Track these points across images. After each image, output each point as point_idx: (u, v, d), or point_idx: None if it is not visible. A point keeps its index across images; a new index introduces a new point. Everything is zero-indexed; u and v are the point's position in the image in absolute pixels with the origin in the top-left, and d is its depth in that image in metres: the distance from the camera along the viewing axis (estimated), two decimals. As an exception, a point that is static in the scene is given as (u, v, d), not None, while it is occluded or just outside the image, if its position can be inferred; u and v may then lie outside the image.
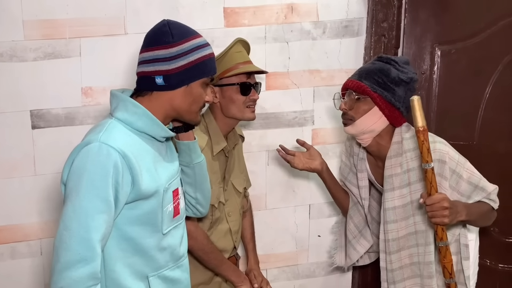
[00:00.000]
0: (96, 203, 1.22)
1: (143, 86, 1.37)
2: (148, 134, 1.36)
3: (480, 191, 1.74)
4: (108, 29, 1.95)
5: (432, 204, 1.59)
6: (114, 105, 1.36)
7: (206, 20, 2.06)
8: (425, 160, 1.60)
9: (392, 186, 1.80)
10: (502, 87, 2.32)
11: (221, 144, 1.81)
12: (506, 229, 2.40)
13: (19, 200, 1.98)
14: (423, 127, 1.57)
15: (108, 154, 1.24)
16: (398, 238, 1.81)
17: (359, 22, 2.26)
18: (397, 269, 1.83)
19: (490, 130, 2.35)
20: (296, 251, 2.39)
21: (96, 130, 1.30)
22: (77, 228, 1.20)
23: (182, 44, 1.34)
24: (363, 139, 1.83)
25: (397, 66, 1.75)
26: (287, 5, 2.15)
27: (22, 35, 1.87)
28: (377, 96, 1.74)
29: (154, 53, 1.34)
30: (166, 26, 1.36)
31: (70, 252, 1.20)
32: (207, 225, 1.82)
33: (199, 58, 1.37)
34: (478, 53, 2.30)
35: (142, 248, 1.35)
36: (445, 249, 1.66)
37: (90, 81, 1.98)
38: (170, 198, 1.41)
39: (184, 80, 1.36)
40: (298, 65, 2.22)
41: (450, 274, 1.69)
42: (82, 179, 1.22)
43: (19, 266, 2.02)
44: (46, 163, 1.98)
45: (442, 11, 2.29)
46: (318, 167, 1.97)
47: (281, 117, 2.24)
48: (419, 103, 1.56)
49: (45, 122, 1.96)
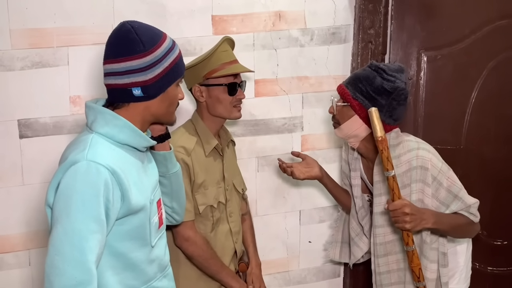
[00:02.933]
0: (89, 224, 1.18)
1: (119, 98, 1.32)
2: (130, 145, 1.33)
3: (459, 201, 1.76)
4: (96, 37, 1.94)
5: (394, 210, 1.65)
6: (91, 118, 1.31)
7: (194, 28, 2.06)
8: (385, 168, 1.66)
9: (379, 192, 1.83)
10: (488, 91, 2.35)
11: (211, 143, 1.80)
12: (494, 232, 2.43)
13: (7, 210, 1.95)
14: (381, 137, 1.64)
15: (97, 172, 1.20)
16: (385, 243, 1.84)
17: (346, 29, 2.28)
18: (385, 273, 1.86)
19: (476, 134, 2.38)
20: (287, 257, 2.39)
21: (79, 148, 1.25)
22: (70, 251, 1.16)
23: (155, 51, 1.29)
24: (351, 142, 1.88)
25: (384, 75, 1.75)
26: (274, 13, 2.17)
27: (9, 44, 1.86)
28: (356, 104, 1.77)
29: (127, 64, 1.28)
30: (132, 33, 1.29)
31: (65, 277, 1.15)
32: (209, 227, 1.81)
33: (172, 62, 1.33)
34: (464, 59, 2.33)
35: (132, 263, 1.33)
36: (411, 253, 1.71)
37: (78, 90, 1.97)
38: (155, 209, 1.40)
39: (162, 88, 1.33)
40: (286, 72, 2.23)
41: (418, 277, 1.73)
42: (72, 200, 1.18)
43: (7, 277, 1.99)
44: (34, 172, 1.96)
45: (428, 17, 2.32)
46: (318, 174, 2.00)
47: (271, 123, 2.25)
48: (376, 114, 1.64)
49: (33, 131, 1.94)
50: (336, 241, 2.20)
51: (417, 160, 1.74)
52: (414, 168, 1.74)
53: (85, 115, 1.34)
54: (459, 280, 1.90)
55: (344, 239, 2.18)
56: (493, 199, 2.39)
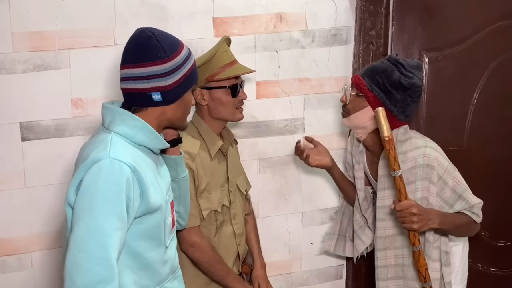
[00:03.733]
0: (112, 221, 1.19)
1: (137, 103, 1.35)
2: (147, 146, 1.36)
3: (463, 201, 1.77)
4: (98, 40, 1.95)
5: (401, 210, 1.65)
6: (109, 118, 1.34)
7: (195, 30, 2.07)
8: (392, 168, 1.66)
9: (383, 186, 1.83)
10: (490, 92, 2.35)
11: (217, 144, 1.80)
12: (497, 233, 2.42)
13: (9, 213, 1.96)
14: (388, 137, 1.64)
15: (120, 169, 1.22)
16: (385, 237, 1.85)
17: (347, 30, 2.28)
18: (382, 267, 1.87)
19: (478, 135, 2.37)
20: (289, 259, 2.38)
21: (100, 146, 1.27)
22: (94, 248, 1.17)
23: (175, 58, 1.33)
24: (358, 133, 1.88)
25: (402, 70, 1.76)
26: (275, 15, 2.17)
27: (11, 47, 1.87)
28: (372, 96, 1.77)
29: (148, 70, 1.31)
30: (153, 39, 1.32)
31: (89, 274, 1.16)
32: (212, 231, 1.81)
33: (189, 68, 1.38)
34: (465, 60, 2.33)
35: (148, 263, 1.34)
36: (418, 253, 1.70)
37: (80, 93, 1.97)
38: (169, 210, 1.42)
39: (180, 93, 1.37)
40: (287, 74, 2.23)
41: (424, 278, 1.73)
42: (95, 197, 1.20)
43: (10, 280, 1.99)
44: (36, 175, 1.96)
45: (429, 18, 2.32)
46: (329, 164, 2.01)
47: (272, 125, 2.25)
48: (383, 114, 1.63)
49: (34, 134, 1.95)
50: (333, 233, 2.21)
51: (424, 158, 1.74)
52: (420, 166, 1.74)
53: (102, 116, 1.36)
54: (454, 281, 1.90)
55: (341, 232, 2.18)
56: (496, 200, 2.38)
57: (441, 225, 1.70)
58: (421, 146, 1.76)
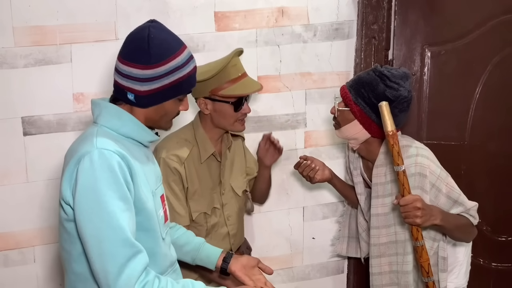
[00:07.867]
0: (118, 204, 1.22)
1: (119, 96, 1.37)
2: (134, 139, 1.37)
3: (460, 206, 1.77)
4: (99, 34, 1.94)
5: (405, 205, 1.63)
6: (96, 112, 1.36)
7: (196, 25, 2.06)
8: (396, 163, 1.64)
9: (377, 194, 1.84)
10: (492, 87, 2.34)
11: (209, 150, 1.81)
12: (498, 228, 2.42)
13: (11, 208, 1.96)
14: (392, 131, 1.62)
15: (110, 156, 1.24)
16: (379, 244, 1.86)
17: (349, 24, 2.27)
18: (376, 274, 1.88)
19: (480, 130, 2.37)
20: (291, 253, 2.39)
21: (87, 140, 1.29)
22: (113, 234, 1.20)
23: (159, 67, 1.30)
24: (351, 143, 1.89)
25: (387, 82, 1.72)
26: (277, 9, 2.16)
27: (12, 41, 1.87)
28: (357, 110, 1.76)
29: (128, 69, 1.31)
30: (145, 42, 1.29)
31: (118, 257, 1.20)
32: (203, 232, 1.82)
33: (174, 80, 1.33)
34: (468, 54, 2.32)
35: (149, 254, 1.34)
36: (420, 248, 1.70)
37: (82, 87, 1.97)
38: (159, 203, 1.42)
39: (154, 101, 1.35)
40: (289, 68, 2.23)
41: (427, 272, 1.73)
42: (98, 190, 1.21)
43: (13, 274, 2.00)
44: (38, 170, 1.97)
45: (431, 12, 2.31)
46: (329, 176, 2.03)
47: (274, 120, 2.25)
48: (387, 108, 1.61)
49: (36, 129, 1.95)
50: (343, 236, 2.22)
51: (416, 167, 1.73)
52: (412, 175, 1.73)
53: (91, 112, 1.37)
54: (458, 275, 1.90)
55: (351, 234, 2.20)
56: (498, 195, 2.38)
57: (442, 222, 1.69)
58: (413, 155, 1.75)
